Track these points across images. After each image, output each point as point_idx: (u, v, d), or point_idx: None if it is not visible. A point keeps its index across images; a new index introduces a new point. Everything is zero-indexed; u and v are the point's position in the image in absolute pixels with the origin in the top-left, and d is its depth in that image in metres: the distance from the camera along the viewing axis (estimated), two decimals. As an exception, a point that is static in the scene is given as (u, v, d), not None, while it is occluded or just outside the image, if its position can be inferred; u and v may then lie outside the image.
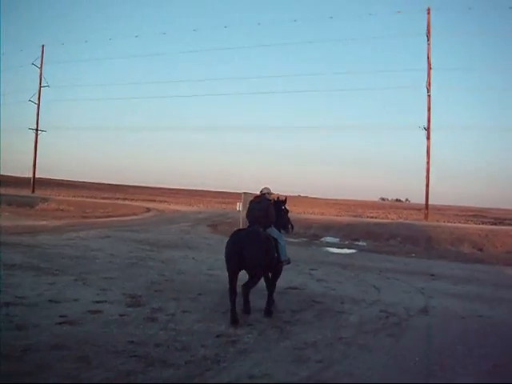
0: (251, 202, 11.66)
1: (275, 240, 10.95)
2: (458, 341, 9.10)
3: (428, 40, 48.72)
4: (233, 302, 9.82)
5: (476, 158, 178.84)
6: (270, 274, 11.23)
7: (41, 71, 73.08)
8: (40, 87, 73.02)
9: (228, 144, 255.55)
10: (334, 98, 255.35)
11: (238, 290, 10.11)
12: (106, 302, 10.51)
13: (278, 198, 12.19)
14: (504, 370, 7.57)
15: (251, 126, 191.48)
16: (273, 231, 11.22)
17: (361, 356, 7.92)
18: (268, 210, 11.24)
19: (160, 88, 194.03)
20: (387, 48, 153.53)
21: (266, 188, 11.83)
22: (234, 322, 9.52)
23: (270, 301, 10.86)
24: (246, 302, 10.41)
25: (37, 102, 72.86)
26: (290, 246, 18.52)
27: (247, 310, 10.35)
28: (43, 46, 73.94)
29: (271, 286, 11.18)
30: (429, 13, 49.00)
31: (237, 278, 10.27)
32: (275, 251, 10.81)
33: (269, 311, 10.50)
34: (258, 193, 11.87)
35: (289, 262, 11.48)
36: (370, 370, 7.25)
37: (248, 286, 10.32)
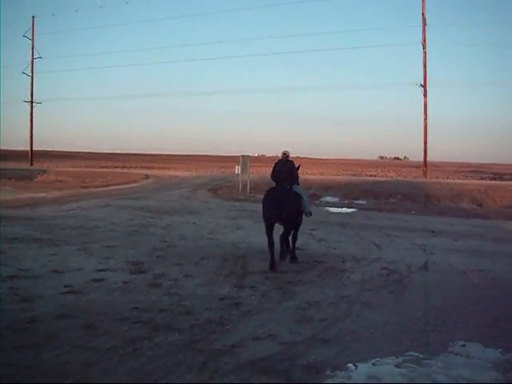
0: (276, 163, 12.93)
1: (299, 195, 12.35)
2: (459, 296, 9.18)
3: (422, -5, 48.33)
4: (271, 250, 11.37)
5: (474, 114, 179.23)
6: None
7: (32, 43, 72.50)
8: (32, 59, 72.51)
9: (225, 108, 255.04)
10: (329, 57, 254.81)
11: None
12: (108, 270, 10.57)
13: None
14: (505, 324, 7.64)
15: (247, 89, 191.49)
16: (297, 188, 12.58)
17: (363, 313, 7.99)
18: (292, 170, 12.69)
19: (155, 54, 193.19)
20: (382, 5, 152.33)
21: (286, 151, 13.06)
22: (273, 267, 11.09)
23: (295, 249, 12.28)
24: (283, 249, 11.83)
25: (30, 74, 72.46)
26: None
27: (284, 256, 11.79)
28: (33, 17, 73.34)
29: (296, 235, 12.45)
30: (422, -32, 48.52)
31: (273, 229, 11.72)
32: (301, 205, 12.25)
33: (295, 257, 12.04)
34: (280, 155, 13.12)
35: (311, 214, 12.67)
36: (373, 327, 7.32)
37: (285, 236, 11.94)
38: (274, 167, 12.92)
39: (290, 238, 12.29)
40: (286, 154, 13.02)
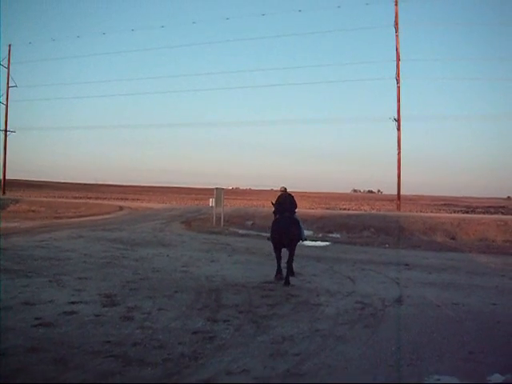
0: (279, 196, 14.94)
1: (299, 223, 14.61)
2: (434, 329, 9.18)
3: (396, 31, 49.02)
4: (280, 264, 14.12)
5: (446, 148, 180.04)
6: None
7: (8, 71, 72.39)
8: (8, 87, 72.35)
9: (198, 140, 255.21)
10: (303, 92, 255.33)
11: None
12: (81, 302, 10.44)
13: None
14: (479, 357, 7.64)
15: (222, 121, 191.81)
16: (297, 217, 14.77)
17: (338, 347, 7.96)
18: (293, 202, 14.81)
19: (130, 85, 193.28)
20: (356, 40, 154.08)
21: (283, 186, 15.29)
22: (280, 278, 13.73)
23: (289, 272, 13.95)
24: (287, 274, 13.70)
25: (5, 103, 72.22)
26: (263, 241, 18.64)
27: (287, 281, 13.46)
28: (10, 45, 73.30)
29: (292, 259, 14.26)
30: (396, 4, 49.30)
31: (281, 250, 14.22)
32: None
33: (288, 281, 13.42)
34: (279, 189, 15.47)
35: (306, 239, 15.33)
36: (348, 362, 7.29)
37: (291, 260, 14.16)
38: (278, 199, 14.78)
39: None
40: (285, 189, 15.20)
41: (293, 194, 15.11)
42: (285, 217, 14.24)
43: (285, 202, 14.70)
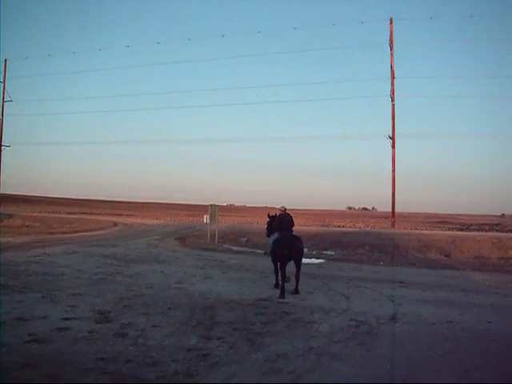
0: (280, 215, 16.24)
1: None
2: (429, 347, 9.15)
3: (391, 50, 49.18)
4: (283, 280, 14.49)
5: (440, 165, 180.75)
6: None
7: (4, 86, 72.40)
8: (3, 102, 72.35)
9: (193, 157, 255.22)
10: (297, 109, 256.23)
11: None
12: (74, 318, 10.39)
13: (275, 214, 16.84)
14: (474, 375, 7.62)
15: (217, 138, 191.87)
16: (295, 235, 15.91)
17: (332, 365, 7.92)
18: (292, 221, 16.12)
19: (123, 101, 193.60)
20: (351, 58, 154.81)
21: (283, 206, 16.47)
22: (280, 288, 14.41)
23: (297, 283, 14.83)
24: (297, 284, 14.78)
25: (0, 117, 72.20)
26: (257, 258, 18.62)
27: (297, 290, 14.63)
28: (6, 60, 73.38)
29: (300, 271, 15.04)
30: (391, 23, 49.47)
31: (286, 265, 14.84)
32: None
33: (297, 290, 14.63)
34: (279, 208, 16.58)
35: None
36: (342, 380, 7.26)
37: (299, 272, 14.92)
38: (279, 218, 16.16)
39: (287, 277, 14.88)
40: (284, 208, 16.40)
41: (291, 214, 16.33)
42: (289, 234, 15.60)
43: (285, 220, 16.00)
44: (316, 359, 8.22)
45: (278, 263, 15.17)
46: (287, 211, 16.40)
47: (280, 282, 14.63)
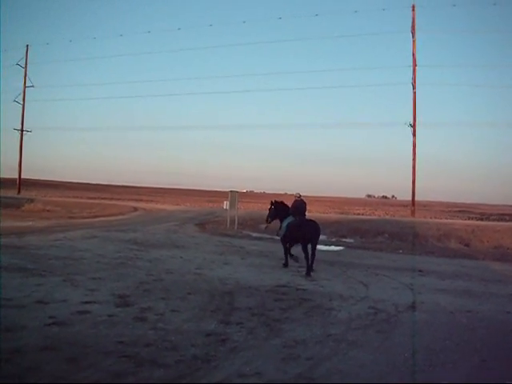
0: (296, 201, 17.62)
1: None
2: (447, 336, 9.12)
3: (413, 37, 49.06)
4: (307, 257, 15.86)
5: (461, 154, 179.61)
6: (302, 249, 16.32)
7: (25, 71, 73.00)
8: (25, 87, 72.97)
9: (214, 143, 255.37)
10: (318, 96, 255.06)
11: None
12: (94, 302, 10.45)
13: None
14: (492, 365, 7.60)
15: (237, 125, 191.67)
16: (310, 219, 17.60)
17: (350, 352, 7.93)
18: (305, 207, 17.64)
19: (148, 87, 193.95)
20: (372, 45, 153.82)
21: (298, 193, 17.90)
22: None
23: (312, 265, 15.90)
24: (311, 266, 15.84)
25: (22, 103, 72.68)
26: (277, 244, 18.64)
27: (309, 273, 15.56)
28: (27, 46, 73.83)
29: (315, 253, 16.25)
30: (413, 10, 49.32)
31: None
32: None
33: (311, 272, 15.64)
34: (295, 194, 17.98)
35: None
36: (360, 367, 7.26)
37: (314, 254, 16.07)
38: (294, 204, 17.54)
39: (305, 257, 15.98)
40: (299, 195, 17.80)
41: (305, 201, 17.89)
42: (306, 219, 17.16)
43: (300, 206, 17.42)
44: (334, 346, 8.23)
45: (288, 244, 17.06)
46: (301, 197, 17.81)
47: (306, 262, 15.84)
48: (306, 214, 17.70)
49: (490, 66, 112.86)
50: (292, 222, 16.84)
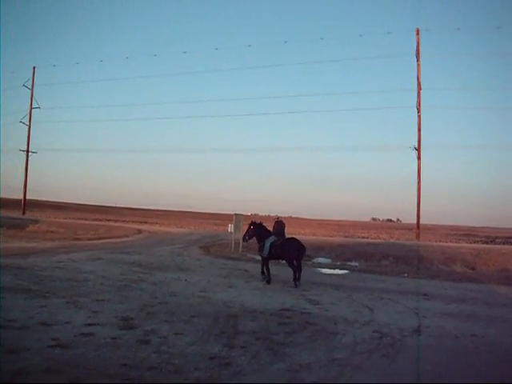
0: (276, 222, 19.92)
1: None
2: (452, 360, 9.09)
3: (418, 60, 49.16)
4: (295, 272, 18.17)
5: (466, 177, 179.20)
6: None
7: (32, 93, 73.35)
8: (31, 109, 73.27)
9: (218, 166, 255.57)
10: (324, 119, 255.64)
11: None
12: (97, 324, 10.43)
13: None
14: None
15: (243, 148, 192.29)
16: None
17: (355, 377, 7.88)
18: (284, 227, 19.97)
19: (151, 110, 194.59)
20: (377, 69, 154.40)
21: (277, 215, 21.21)
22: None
23: (299, 279, 17.98)
24: (298, 277, 18.05)
25: (28, 124, 72.97)
26: (281, 268, 18.61)
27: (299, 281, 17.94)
28: (34, 67, 74.27)
29: (301, 269, 18.50)
30: (418, 34, 49.45)
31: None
32: None
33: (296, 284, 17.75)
34: (275, 217, 20.90)
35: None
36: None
37: (300, 270, 18.35)
38: (275, 226, 19.72)
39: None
40: (279, 217, 20.48)
41: (284, 222, 20.27)
42: (288, 238, 19.48)
43: (280, 227, 19.74)
44: (339, 370, 8.18)
45: (268, 262, 19.15)
46: (280, 219, 20.33)
47: (293, 275, 18.06)
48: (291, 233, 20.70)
49: (494, 88, 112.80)
50: (274, 241, 18.79)
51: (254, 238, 19.89)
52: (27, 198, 76.54)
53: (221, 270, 22.00)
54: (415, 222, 50.08)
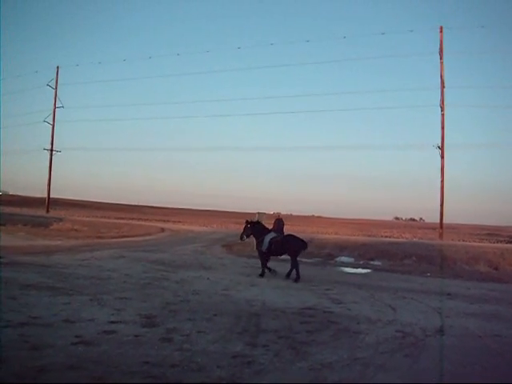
0: (276, 219, 20.92)
1: None
2: (475, 360, 9.00)
3: (441, 59, 48.76)
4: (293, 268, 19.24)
5: (490, 176, 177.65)
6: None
7: (55, 92, 73.78)
8: (55, 108, 73.68)
9: (241, 164, 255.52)
10: (348, 118, 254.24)
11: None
12: (120, 322, 10.49)
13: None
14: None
15: (266, 147, 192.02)
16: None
17: (378, 376, 7.84)
18: (283, 224, 20.92)
19: (174, 108, 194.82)
20: (400, 67, 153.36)
21: (278, 212, 22.37)
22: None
23: (297, 273, 18.84)
24: (291, 271, 19.23)
25: (51, 123, 73.44)
26: (303, 266, 18.59)
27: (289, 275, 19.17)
28: (58, 67, 74.72)
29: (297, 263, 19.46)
30: (441, 31, 49.09)
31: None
32: None
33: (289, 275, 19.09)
34: (276, 214, 22.00)
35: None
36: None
37: (298, 264, 19.28)
38: (275, 223, 20.83)
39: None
40: (279, 215, 21.81)
41: (283, 219, 21.29)
42: (287, 235, 20.35)
43: (280, 224, 20.74)
44: (361, 370, 8.15)
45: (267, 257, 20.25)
46: (280, 216, 21.32)
47: (296, 270, 18.97)
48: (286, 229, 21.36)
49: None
50: (274, 237, 19.77)
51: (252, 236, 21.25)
52: (51, 196, 76.99)
53: (243, 269, 22.03)
54: (438, 221, 49.75)
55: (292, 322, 11.34)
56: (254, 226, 20.85)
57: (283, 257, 20.94)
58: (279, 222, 20.76)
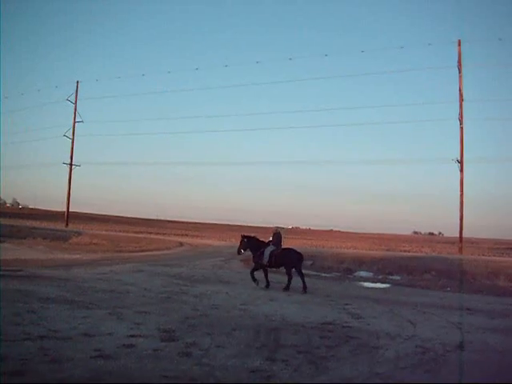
0: (275, 233, 21.57)
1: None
2: (496, 375, 8.95)
3: (459, 72, 48.73)
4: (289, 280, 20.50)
5: (509, 190, 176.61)
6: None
7: (75, 107, 74.41)
8: (74, 122, 74.31)
9: (261, 179, 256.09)
10: (366, 132, 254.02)
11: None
12: (139, 336, 10.48)
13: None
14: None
15: (284, 161, 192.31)
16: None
17: (398, 392, 7.80)
18: (281, 238, 21.57)
19: (193, 123, 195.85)
20: (418, 80, 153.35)
21: (277, 226, 22.60)
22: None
23: (304, 285, 20.12)
24: (304, 283, 20.19)
25: (71, 137, 73.97)
26: (322, 281, 18.54)
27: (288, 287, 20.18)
28: (78, 82, 75.34)
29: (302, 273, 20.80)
30: (459, 45, 49.06)
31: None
32: None
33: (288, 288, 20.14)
34: (274, 228, 22.45)
35: None
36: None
37: (303, 275, 20.63)
38: (274, 236, 21.47)
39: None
40: (278, 229, 22.15)
41: (281, 233, 21.98)
42: (285, 248, 21.49)
43: (278, 237, 21.36)
44: (381, 385, 8.11)
45: (257, 267, 21.22)
46: (279, 230, 21.99)
47: (288, 281, 20.43)
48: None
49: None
50: (274, 250, 20.73)
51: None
52: (70, 210, 77.45)
53: (262, 283, 21.98)
54: (458, 235, 49.52)
55: (311, 337, 11.29)
56: (250, 240, 21.78)
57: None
58: (277, 235, 21.49)
